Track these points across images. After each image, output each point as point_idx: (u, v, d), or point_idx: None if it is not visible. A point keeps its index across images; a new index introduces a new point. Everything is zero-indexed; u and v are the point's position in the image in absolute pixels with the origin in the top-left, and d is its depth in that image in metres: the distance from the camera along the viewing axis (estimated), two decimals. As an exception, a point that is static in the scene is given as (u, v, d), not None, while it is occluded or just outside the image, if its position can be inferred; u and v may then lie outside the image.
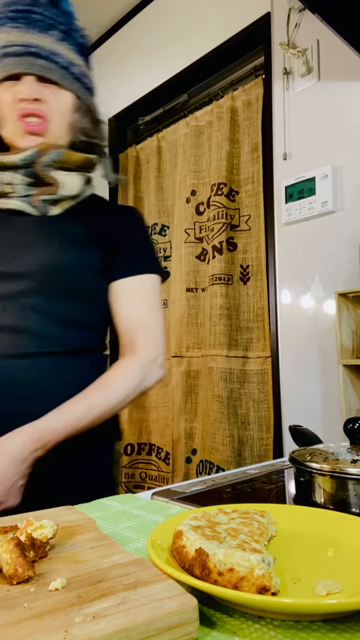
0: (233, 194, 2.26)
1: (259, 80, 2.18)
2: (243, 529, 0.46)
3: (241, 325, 2.21)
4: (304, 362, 1.92)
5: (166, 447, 2.49)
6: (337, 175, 1.84)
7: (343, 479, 0.60)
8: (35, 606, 0.35)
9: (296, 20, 2.00)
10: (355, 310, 1.72)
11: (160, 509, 0.65)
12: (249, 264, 2.21)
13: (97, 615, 0.33)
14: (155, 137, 2.71)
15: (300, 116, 1.98)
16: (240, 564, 0.37)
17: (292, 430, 0.80)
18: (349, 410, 1.63)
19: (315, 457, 0.64)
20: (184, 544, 0.42)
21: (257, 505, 0.56)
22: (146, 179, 2.77)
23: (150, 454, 2.61)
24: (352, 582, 0.39)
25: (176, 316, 2.42)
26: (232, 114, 2.26)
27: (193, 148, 2.43)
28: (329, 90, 1.90)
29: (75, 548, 0.46)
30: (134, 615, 0.33)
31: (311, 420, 1.85)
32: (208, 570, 0.38)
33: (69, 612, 0.34)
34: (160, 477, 2.53)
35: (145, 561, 0.42)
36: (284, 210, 1.99)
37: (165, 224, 2.66)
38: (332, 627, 0.36)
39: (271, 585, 0.36)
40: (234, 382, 2.17)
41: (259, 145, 2.17)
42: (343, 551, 0.46)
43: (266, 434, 2.07)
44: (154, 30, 2.71)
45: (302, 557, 0.46)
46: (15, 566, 0.39)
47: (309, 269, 1.92)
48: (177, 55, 2.54)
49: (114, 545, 0.46)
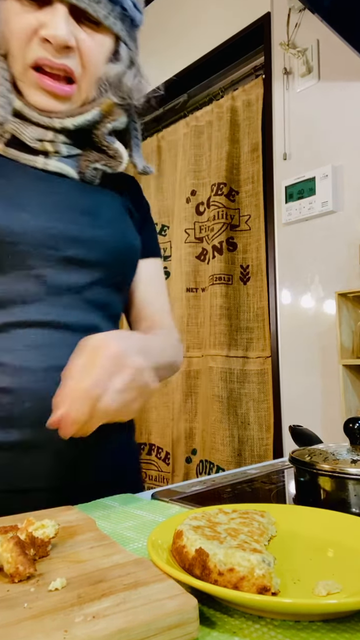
0: (233, 194, 2.26)
1: (259, 80, 2.18)
2: (243, 529, 0.46)
3: (241, 325, 2.21)
4: (304, 362, 1.92)
5: (166, 447, 2.49)
6: (337, 175, 1.84)
7: (343, 479, 0.60)
8: (35, 606, 0.35)
9: (296, 20, 2.00)
10: (355, 310, 1.72)
11: (160, 509, 0.65)
12: (249, 264, 2.21)
13: (97, 615, 0.33)
14: (155, 137, 2.71)
15: (300, 116, 1.98)
16: (241, 564, 0.37)
17: (292, 430, 0.80)
18: (349, 410, 1.63)
19: (315, 457, 0.64)
20: (184, 544, 0.42)
21: (257, 505, 0.56)
22: (146, 179, 2.77)
23: (150, 454, 2.60)
24: (352, 582, 0.39)
25: (176, 316, 2.42)
26: (232, 114, 2.26)
27: (193, 148, 2.43)
28: (329, 90, 1.90)
29: (75, 548, 0.46)
30: (134, 615, 0.33)
31: (311, 420, 1.85)
32: (208, 570, 0.38)
33: (69, 612, 0.34)
34: (160, 477, 2.53)
35: (145, 561, 0.42)
36: (284, 210, 1.99)
37: (165, 224, 2.66)
38: (332, 627, 0.36)
39: (271, 585, 0.36)
40: (234, 382, 2.17)
41: (259, 145, 2.18)
42: (343, 551, 0.46)
43: (266, 434, 2.07)
44: (154, 30, 2.71)
45: (302, 557, 0.46)
46: (16, 564, 0.39)
47: (309, 269, 1.92)
48: (177, 55, 2.54)
49: (114, 545, 0.46)
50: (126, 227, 0.81)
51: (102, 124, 0.76)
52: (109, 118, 0.76)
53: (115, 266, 0.78)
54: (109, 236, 0.76)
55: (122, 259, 0.79)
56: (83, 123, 0.74)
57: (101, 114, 0.75)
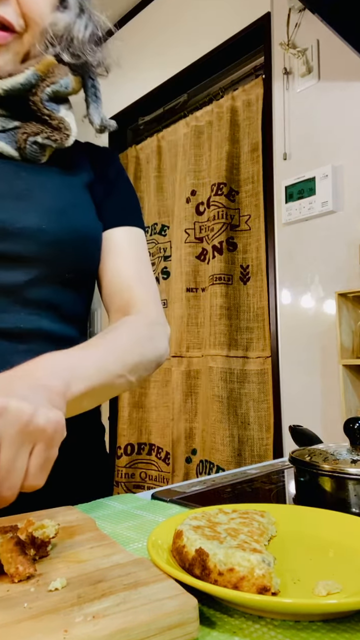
0: (233, 194, 2.26)
1: (259, 80, 2.18)
2: (243, 529, 0.46)
3: (241, 325, 2.21)
4: (304, 362, 1.92)
5: (166, 447, 2.49)
6: (337, 175, 1.84)
7: (343, 479, 0.60)
8: (35, 606, 0.35)
9: (296, 20, 2.00)
10: (355, 310, 1.72)
11: (160, 509, 0.65)
12: (249, 264, 2.21)
13: (97, 615, 0.33)
14: (155, 137, 2.71)
15: (300, 116, 1.98)
16: (241, 564, 0.37)
17: (292, 430, 0.80)
18: (349, 410, 1.63)
19: (315, 457, 0.64)
20: (184, 544, 0.42)
21: (257, 505, 0.56)
22: (146, 179, 2.77)
23: (150, 454, 2.60)
24: (352, 582, 0.39)
25: (176, 316, 2.42)
26: (232, 114, 2.26)
27: (193, 148, 2.43)
28: (329, 90, 1.90)
29: (75, 548, 0.46)
30: (134, 615, 0.33)
31: (311, 420, 1.85)
32: (208, 570, 0.38)
33: (69, 612, 0.34)
34: (160, 477, 2.53)
35: (145, 561, 0.42)
36: (284, 210, 1.99)
37: (165, 224, 2.66)
38: (332, 627, 0.36)
39: (271, 585, 0.36)
40: (234, 382, 2.17)
41: (259, 145, 2.18)
42: (343, 551, 0.46)
43: (266, 434, 2.07)
44: (154, 30, 2.71)
45: (302, 557, 0.46)
46: (16, 564, 0.39)
47: (309, 269, 1.92)
48: (177, 55, 2.54)
49: (114, 545, 0.46)
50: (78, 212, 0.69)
51: (39, 88, 0.63)
52: (47, 80, 0.63)
53: (61, 260, 0.66)
54: (50, 225, 0.64)
55: (68, 252, 0.67)
56: (14, 86, 0.61)
57: (37, 76, 0.62)
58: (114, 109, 2.90)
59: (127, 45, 2.88)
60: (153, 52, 2.71)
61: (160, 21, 2.68)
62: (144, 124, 2.90)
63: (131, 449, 2.66)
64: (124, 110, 2.87)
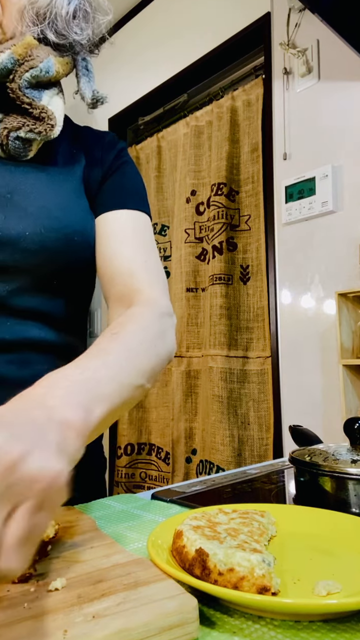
0: (233, 194, 2.26)
1: (259, 80, 2.18)
2: (243, 529, 0.46)
3: (241, 325, 2.21)
4: (304, 362, 1.92)
5: (166, 447, 2.49)
6: (337, 175, 1.84)
7: (343, 479, 0.60)
8: (35, 606, 0.35)
9: (296, 20, 2.00)
10: (355, 310, 1.72)
11: (160, 509, 0.65)
12: (249, 264, 2.21)
13: (97, 615, 0.33)
14: (155, 137, 2.71)
15: (300, 116, 1.98)
16: (241, 564, 0.37)
17: (292, 430, 0.80)
18: (349, 410, 1.63)
19: (315, 457, 0.64)
20: (184, 544, 0.42)
21: (257, 505, 0.56)
22: (146, 179, 2.77)
23: (150, 454, 2.61)
24: (352, 582, 0.39)
25: (176, 316, 2.42)
26: (232, 114, 2.26)
27: (193, 148, 2.43)
28: (329, 90, 1.90)
29: (75, 548, 0.46)
30: (134, 615, 0.33)
31: (311, 420, 1.85)
32: (208, 570, 0.38)
33: (69, 612, 0.34)
34: (160, 477, 2.53)
35: (145, 561, 0.42)
36: (284, 210, 1.99)
37: (165, 224, 2.66)
38: (332, 627, 0.36)
39: (271, 585, 0.36)
40: (234, 382, 2.17)
41: (259, 145, 2.18)
42: (343, 551, 0.46)
43: (266, 434, 2.07)
44: (154, 30, 2.71)
45: (302, 557, 0.46)
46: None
47: (309, 269, 1.92)
48: (177, 55, 2.54)
49: (114, 545, 0.46)
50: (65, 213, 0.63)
51: (17, 73, 0.57)
52: (26, 64, 0.57)
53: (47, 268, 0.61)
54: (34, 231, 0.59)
55: (55, 259, 0.61)
56: None
57: (14, 59, 0.56)
58: (114, 109, 2.90)
59: (127, 45, 2.88)
60: (153, 52, 2.71)
61: (160, 21, 2.68)
62: (144, 124, 2.90)
63: (131, 449, 2.66)
64: (124, 110, 2.88)
